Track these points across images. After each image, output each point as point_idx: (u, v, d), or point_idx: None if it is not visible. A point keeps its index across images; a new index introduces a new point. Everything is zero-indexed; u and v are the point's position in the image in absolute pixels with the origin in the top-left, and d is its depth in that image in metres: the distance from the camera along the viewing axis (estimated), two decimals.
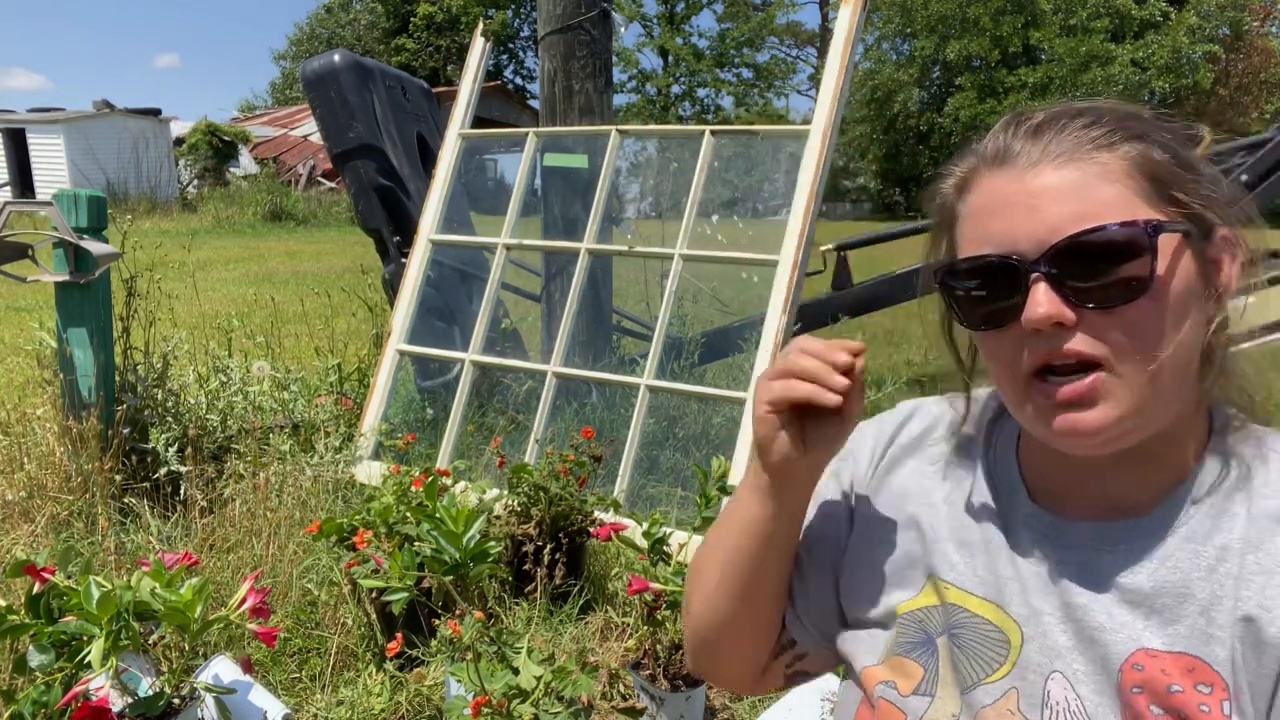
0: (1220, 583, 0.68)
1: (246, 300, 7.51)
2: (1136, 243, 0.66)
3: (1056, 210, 0.67)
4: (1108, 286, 0.67)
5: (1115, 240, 0.66)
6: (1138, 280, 0.67)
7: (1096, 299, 0.67)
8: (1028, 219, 0.68)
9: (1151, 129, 0.71)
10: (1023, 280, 0.68)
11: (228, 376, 3.46)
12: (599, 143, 3.52)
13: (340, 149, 3.96)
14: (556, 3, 3.87)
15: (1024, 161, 0.70)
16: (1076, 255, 0.67)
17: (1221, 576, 0.69)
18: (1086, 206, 0.67)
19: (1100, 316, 0.67)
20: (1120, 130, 0.70)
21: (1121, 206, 0.67)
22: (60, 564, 1.69)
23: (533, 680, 1.52)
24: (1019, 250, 0.69)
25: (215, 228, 16.54)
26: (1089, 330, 0.68)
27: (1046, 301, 0.67)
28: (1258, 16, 29.21)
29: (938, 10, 28.39)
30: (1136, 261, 0.66)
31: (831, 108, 2.93)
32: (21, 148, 18.73)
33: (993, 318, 0.72)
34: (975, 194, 0.73)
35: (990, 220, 0.71)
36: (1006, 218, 0.70)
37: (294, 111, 27.52)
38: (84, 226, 2.82)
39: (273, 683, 2.07)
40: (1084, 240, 0.66)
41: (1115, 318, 0.67)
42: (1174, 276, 0.68)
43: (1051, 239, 0.67)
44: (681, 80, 35.93)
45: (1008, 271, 0.69)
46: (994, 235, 0.70)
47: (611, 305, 4.28)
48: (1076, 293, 0.67)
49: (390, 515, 2.19)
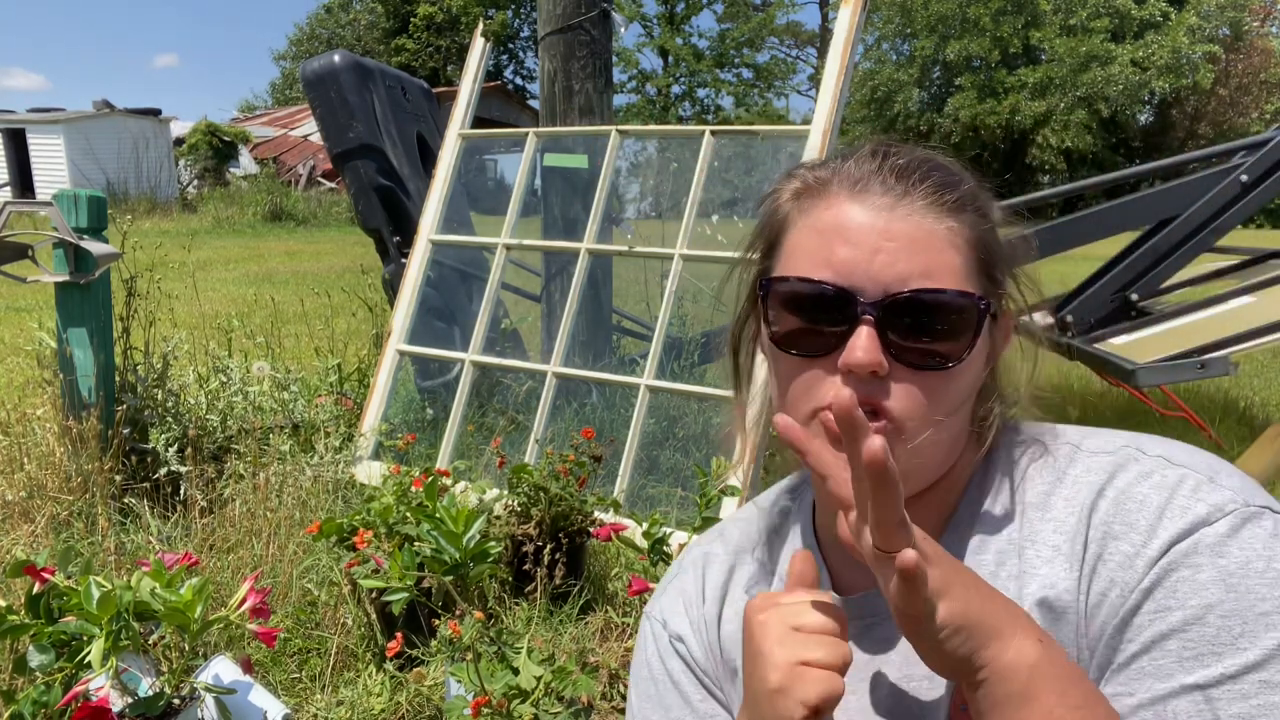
0: (1005, 585, 0.70)
1: (246, 300, 7.51)
2: (968, 315, 0.68)
3: (905, 261, 0.67)
4: (928, 350, 0.67)
5: (951, 307, 0.67)
6: (955, 350, 0.68)
7: (913, 358, 0.67)
8: (873, 258, 0.67)
9: (987, 203, 0.72)
10: (852, 318, 0.67)
11: (228, 376, 3.46)
12: (599, 143, 3.52)
13: (340, 149, 3.96)
14: (556, 3, 3.87)
15: (884, 199, 0.69)
16: (911, 311, 0.67)
17: (1005, 580, 0.70)
18: (932, 267, 0.67)
19: (909, 374, 0.68)
20: (970, 198, 0.71)
21: (960, 275, 0.68)
22: (60, 564, 1.69)
23: (533, 680, 1.52)
24: (858, 286, 0.67)
25: (215, 228, 16.54)
26: (895, 383, 0.68)
27: (869, 348, 0.66)
28: (1258, 16, 29.20)
29: (938, 10, 28.38)
30: (962, 332, 0.68)
31: (831, 108, 2.93)
32: (21, 148, 18.74)
33: (809, 344, 0.70)
34: (825, 210, 0.71)
35: (837, 244, 0.69)
36: (853, 249, 0.68)
37: (294, 111, 27.53)
38: (84, 226, 2.82)
39: (273, 683, 2.07)
40: (924, 299, 0.66)
41: (921, 379, 0.68)
42: (979, 352, 0.70)
43: (894, 287, 0.67)
44: (681, 80, 35.94)
45: (841, 305, 0.68)
46: (837, 261, 0.68)
47: (611, 305, 4.29)
48: (897, 347, 0.67)
49: (390, 515, 2.19)
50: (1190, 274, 4.24)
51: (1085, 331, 3.77)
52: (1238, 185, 3.64)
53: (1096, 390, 4.99)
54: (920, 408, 0.68)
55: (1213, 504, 0.63)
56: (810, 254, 0.70)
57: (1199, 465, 0.67)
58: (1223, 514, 0.62)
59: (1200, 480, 0.65)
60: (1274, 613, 0.59)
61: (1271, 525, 0.62)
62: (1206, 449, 2.53)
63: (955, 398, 0.69)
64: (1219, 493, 0.64)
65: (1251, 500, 0.63)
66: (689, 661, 0.86)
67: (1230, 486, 0.64)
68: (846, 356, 0.67)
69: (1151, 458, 0.68)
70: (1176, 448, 0.70)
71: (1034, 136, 27.38)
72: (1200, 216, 3.69)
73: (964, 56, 28.08)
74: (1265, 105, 28.39)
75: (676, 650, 0.87)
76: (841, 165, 0.73)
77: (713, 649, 0.86)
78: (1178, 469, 0.66)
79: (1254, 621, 0.59)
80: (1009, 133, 27.84)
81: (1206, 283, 4.35)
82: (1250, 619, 0.59)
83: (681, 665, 0.86)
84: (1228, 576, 0.60)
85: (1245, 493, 0.64)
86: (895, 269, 0.67)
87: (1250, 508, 0.63)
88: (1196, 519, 0.63)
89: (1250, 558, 0.60)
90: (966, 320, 0.68)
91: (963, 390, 0.70)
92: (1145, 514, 0.65)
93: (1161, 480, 0.66)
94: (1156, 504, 0.65)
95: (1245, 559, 0.60)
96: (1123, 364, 3.23)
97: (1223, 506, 0.63)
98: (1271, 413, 4.56)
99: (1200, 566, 0.61)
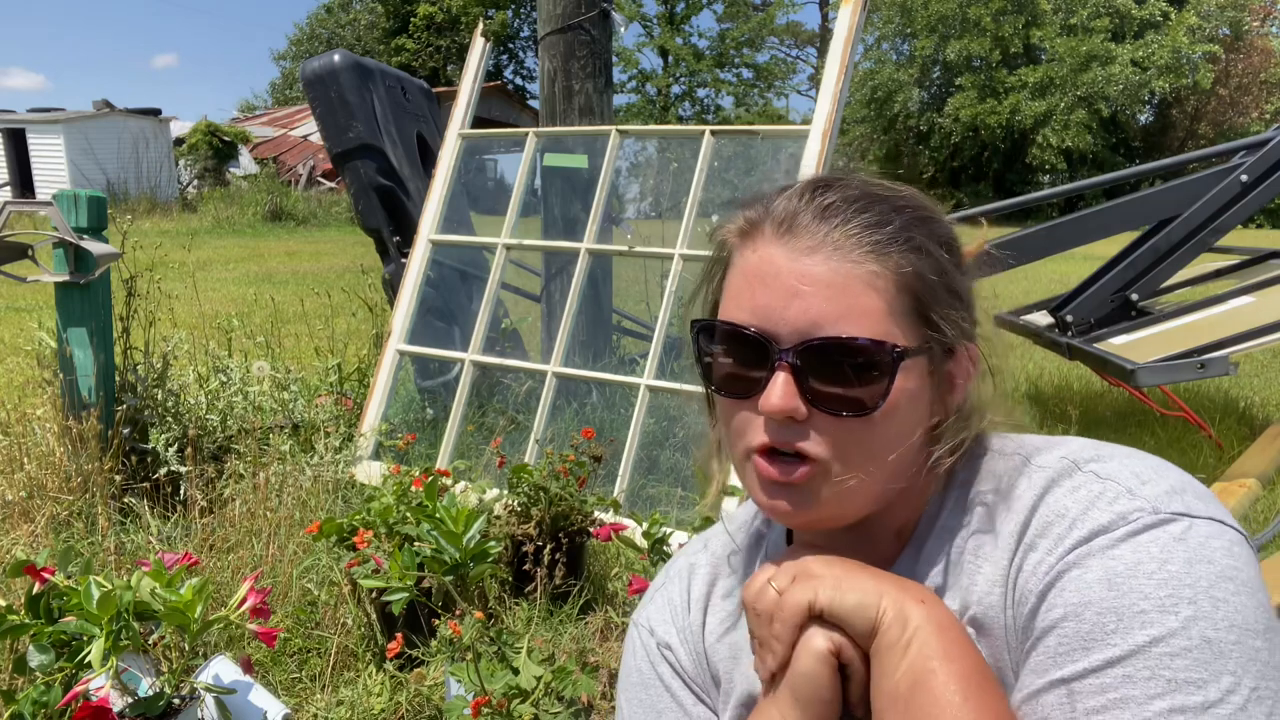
0: (950, 600, 0.71)
1: (246, 300, 7.52)
2: (880, 363, 0.67)
3: (819, 305, 0.67)
4: (843, 396, 0.68)
5: (861, 354, 0.67)
6: (870, 398, 0.68)
7: (829, 404, 0.68)
8: (789, 303, 0.68)
9: (932, 241, 0.71)
10: (771, 363, 0.68)
11: (228, 376, 3.46)
12: (599, 143, 3.52)
13: (340, 149, 3.96)
14: (556, 3, 3.87)
15: (805, 242, 0.69)
16: (824, 356, 0.67)
17: (950, 596, 0.71)
18: (847, 311, 0.67)
19: (828, 420, 0.68)
20: (901, 238, 0.69)
21: (878, 320, 0.68)
22: (60, 564, 1.69)
23: (533, 680, 1.53)
24: (774, 331, 0.68)
25: (215, 228, 16.54)
26: (816, 428, 0.68)
27: (784, 394, 0.67)
28: (1258, 16, 29.19)
29: (938, 10, 28.35)
30: (875, 381, 0.68)
31: (831, 108, 2.93)
32: (21, 148, 18.74)
33: (736, 386, 0.71)
34: (753, 251, 0.71)
35: (758, 288, 0.70)
36: (772, 293, 0.69)
37: (294, 111, 27.52)
38: (84, 226, 2.82)
39: (273, 683, 2.07)
40: (834, 345, 0.67)
41: (842, 425, 0.68)
42: (906, 398, 0.69)
43: (808, 333, 0.67)
44: (681, 80, 35.92)
45: (758, 349, 0.69)
46: (757, 306, 0.69)
47: (611, 305, 4.29)
48: (814, 392, 0.68)
49: (390, 515, 2.19)
50: (1190, 274, 4.24)
51: (1085, 331, 3.77)
52: (1238, 185, 3.64)
53: (1096, 390, 4.99)
54: (842, 452, 0.69)
55: (1118, 512, 0.63)
56: (736, 297, 0.71)
57: (1125, 477, 0.66)
58: (1125, 521, 0.63)
59: (1119, 492, 0.65)
60: (1152, 610, 0.58)
61: (1179, 530, 0.61)
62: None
63: (882, 443, 0.69)
64: (1131, 502, 0.64)
65: (1164, 508, 0.63)
66: (678, 669, 0.87)
67: (1146, 496, 0.64)
68: (763, 402, 0.68)
69: (1084, 472, 0.68)
70: (1116, 460, 0.69)
71: (1034, 136, 27.36)
72: (1200, 216, 3.68)
73: (964, 56, 28.05)
74: (1265, 105, 28.37)
75: (665, 658, 0.88)
76: (772, 204, 0.72)
77: (699, 658, 0.87)
78: (1102, 482, 0.67)
79: (1130, 619, 0.58)
80: (1009, 133, 27.82)
81: (1206, 283, 4.35)
82: (1127, 616, 0.59)
83: (671, 671, 0.88)
84: (1114, 576, 0.60)
85: (1161, 500, 0.64)
86: (809, 315, 0.67)
87: (1159, 515, 0.62)
88: (1098, 526, 0.63)
89: (1142, 559, 0.60)
90: (881, 368, 0.68)
91: (891, 436, 0.70)
92: (1060, 526, 0.65)
93: (1085, 494, 0.66)
94: (1072, 516, 0.65)
95: (1136, 560, 0.60)
96: (1123, 364, 3.23)
97: (1127, 515, 0.63)
98: (1271, 413, 4.56)
99: (1089, 567, 0.61)
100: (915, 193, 0.75)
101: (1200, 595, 0.58)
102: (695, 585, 0.90)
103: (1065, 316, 3.81)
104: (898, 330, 0.68)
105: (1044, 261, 4.14)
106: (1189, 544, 0.61)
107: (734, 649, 0.84)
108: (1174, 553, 0.60)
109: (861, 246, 0.68)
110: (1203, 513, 0.63)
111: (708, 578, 0.90)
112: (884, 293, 0.68)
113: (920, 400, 0.71)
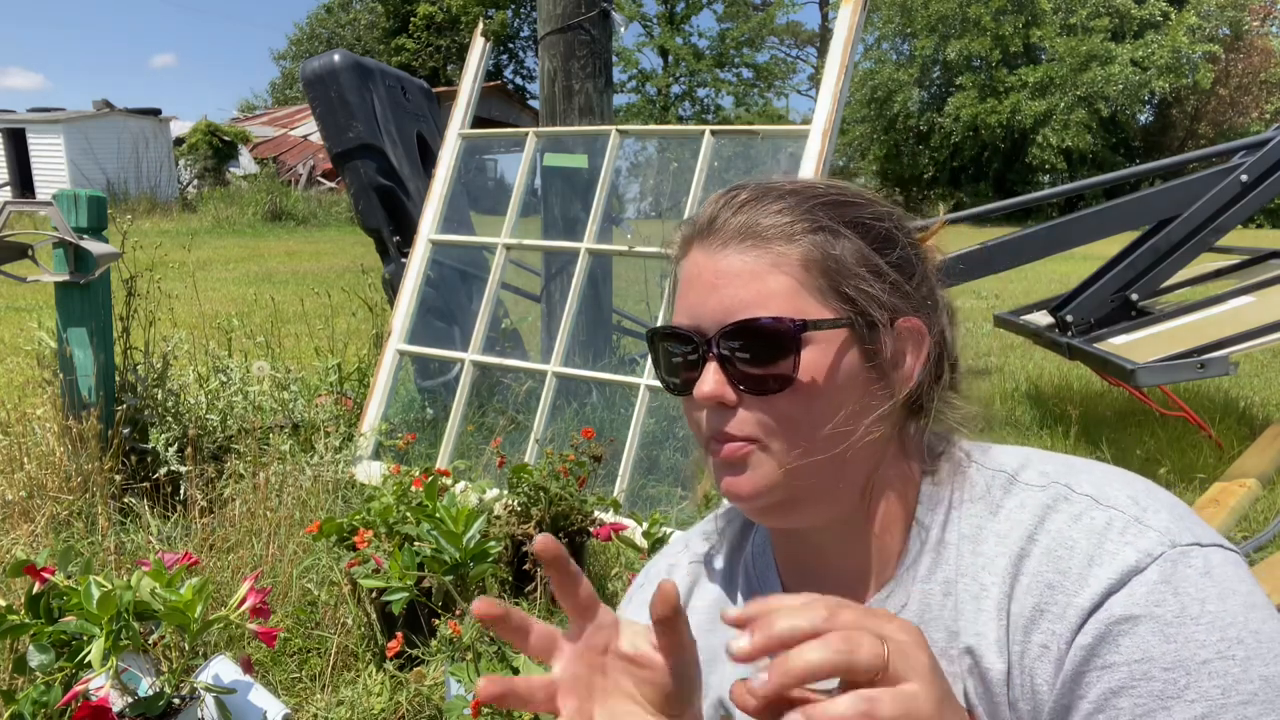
0: (939, 616, 0.71)
1: (246, 300, 7.52)
2: (783, 337, 0.70)
3: (732, 294, 0.71)
4: (762, 376, 0.71)
5: (765, 332, 0.70)
6: (784, 372, 0.70)
7: (750, 385, 0.71)
8: (709, 297, 0.72)
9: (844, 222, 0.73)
10: (703, 356, 0.72)
11: (228, 376, 3.46)
12: (599, 143, 3.52)
13: (340, 149, 3.96)
14: (556, 3, 3.87)
15: (719, 239, 0.73)
16: (740, 340, 0.70)
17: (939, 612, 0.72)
18: (756, 296, 0.70)
19: (756, 400, 0.71)
20: (807, 220, 0.72)
21: (786, 299, 0.70)
22: (60, 564, 1.69)
23: None
24: (700, 326, 0.73)
25: (215, 228, 16.55)
26: (748, 410, 0.72)
27: (713, 381, 0.71)
28: (1258, 16, 29.19)
29: (938, 10, 28.34)
30: (784, 357, 0.70)
31: (831, 108, 2.93)
32: (21, 148, 18.74)
33: (681, 383, 0.75)
34: (686, 259, 0.76)
35: (687, 290, 0.75)
36: (696, 292, 0.73)
37: (294, 111, 27.52)
38: (84, 226, 2.82)
39: (273, 683, 2.07)
40: (743, 328, 0.70)
41: (767, 403, 0.71)
42: (826, 372, 0.71)
43: (725, 320, 0.71)
44: (681, 80, 35.90)
45: (690, 345, 0.73)
46: (688, 307, 0.74)
47: (611, 305, 4.29)
48: (740, 376, 0.71)
49: (390, 515, 2.19)
50: (1190, 274, 4.24)
51: (1085, 331, 3.77)
52: (1238, 185, 3.64)
53: (1096, 390, 4.99)
54: (774, 429, 0.71)
55: (1141, 550, 0.64)
56: (676, 303, 0.77)
57: (1124, 504, 0.67)
58: (1151, 559, 0.63)
59: (1127, 522, 0.66)
60: (1214, 659, 0.60)
61: (1200, 563, 0.63)
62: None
63: (813, 417, 0.71)
64: (1146, 536, 0.64)
65: (1178, 540, 0.64)
66: None
67: (1156, 526, 0.65)
68: (696, 390, 0.72)
69: (1081, 496, 0.69)
70: (1105, 481, 0.70)
71: (1034, 136, 27.36)
72: (1200, 216, 3.68)
73: (964, 56, 28.05)
74: (1265, 105, 28.37)
75: None
76: (699, 212, 0.77)
77: None
78: (1105, 510, 0.67)
79: (1196, 671, 0.60)
80: (1009, 132, 27.81)
81: (1206, 283, 4.35)
82: (1193, 668, 0.60)
83: None
84: (1165, 626, 0.61)
85: (1171, 532, 0.64)
86: (725, 304, 0.71)
87: (1178, 548, 0.63)
88: (1127, 568, 0.63)
89: (1185, 604, 0.61)
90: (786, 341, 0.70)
91: (821, 409, 0.71)
92: (1075, 561, 0.66)
93: (1090, 524, 0.67)
94: (1085, 550, 0.65)
95: (1181, 606, 0.61)
96: (1123, 364, 3.23)
97: (1151, 551, 0.63)
98: (1271, 413, 4.56)
99: (1138, 619, 0.62)
100: (843, 185, 0.77)
101: (1245, 633, 0.61)
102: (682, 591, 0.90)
103: (1065, 316, 3.81)
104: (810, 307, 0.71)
105: (1044, 261, 4.15)
106: (1214, 578, 0.62)
107: (711, 652, 0.84)
108: (1206, 591, 0.62)
109: (768, 233, 0.72)
110: (1207, 539, 0.65)
111: (688, 580, 0.91)
112: (789, 272, 0.71)
113: (850, 374, 0.72)
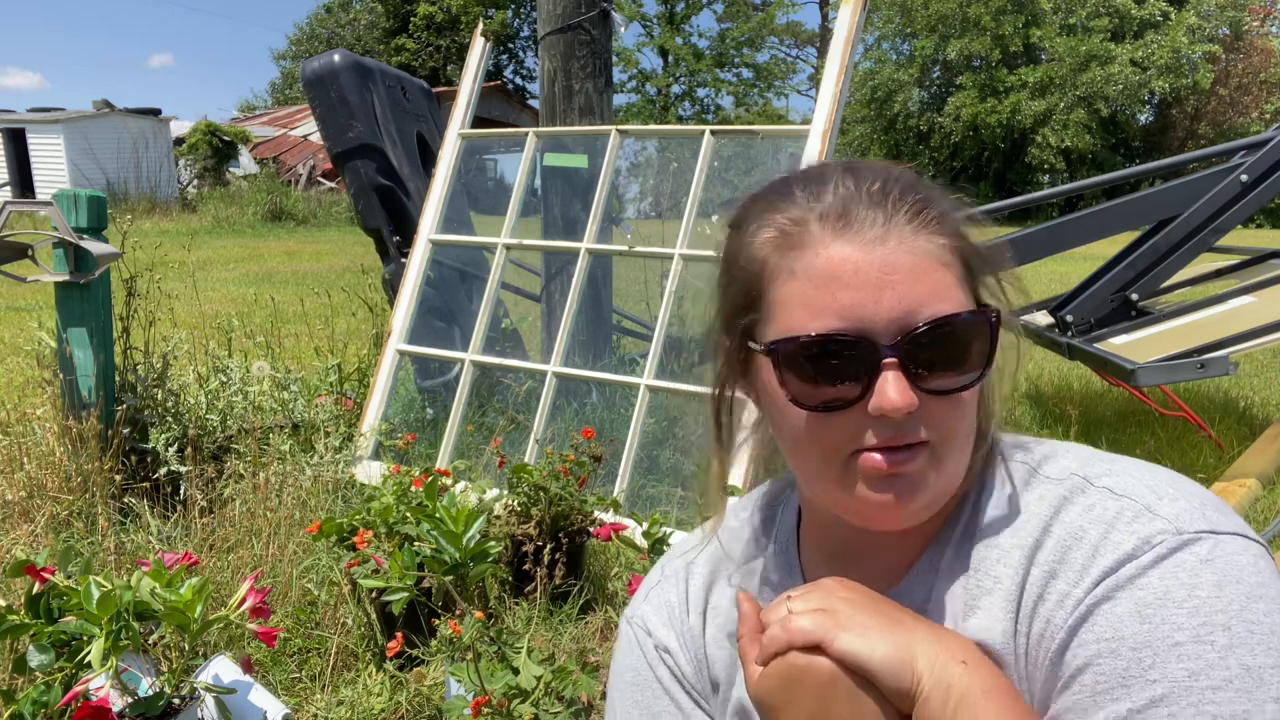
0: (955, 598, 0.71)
1: (246, 300, 7.51)
2: (981, 330, 0.67)
3: (910, 291, 0.65)
4: (952, 375, 0.67)
5: (967, 328, 0.66)
6: (976, 369, 0.67)
7: (939, 386, 0.67)
8: (880, 296, 0.65)
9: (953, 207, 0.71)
10: (874, 363, 0.65)
11: (227, 376, 3.46)
12: (599, 143, 3.52)
13: (340, 149, 3.96)
14: (556, 3, 3.86)
15: (871, 231, 0.66)
16: (930, 342, 0.65)
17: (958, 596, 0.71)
18: (933, 290, 0.65)
19: (936, 401, 0.67)
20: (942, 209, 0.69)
21: (959, 291, 0.67)
22: (60, 564, 1.69)
23: (533, 680, 1.53)
24: (870, 330, 0.65)
25: (215, 228, 16.54)
26: (927, 414, 0.67)
27: (900, 389, 0.64)
28: (1258, 16, 29.18)
29: (938, 10, 28.34)
30: (979, 351, 0.67)
31: (831, 108, 2.93)
32: (21, 147, 18.74)
33: (831, 398, 0.67)
34: (813, 257, 0.67)
35: (838, 290, 0.65)
36: (856, 291, 0.65)
37: (294, 111, 27.52)
38: (84, 226, 2.82)
39: (273, 683, 2.07)
40: (941, 328, 0.65)
41: (950, 403, 0.67)
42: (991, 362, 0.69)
43: (907, 321, 0.65)
44: (681, 80, 35.89)
45: (860, 352, 0.65)
46: (843, 307, 0.65)
47: (611, 305, 4.28)
48: (923, 380, 0.66)
49: (390, 515, 2.19)
50: (1190, 274, 4.24)
51: (1085, 331, 3.76)
52: (1238, 185, 3.64)
53: (1096, 390, 4.99)
54: (952, 429, 0.68)
55: (1142, 536, 0.62)
56: (809, 305, 0.67)
57: (1140, 493, 0.65)
58: (1150, 546, 0.61)
59: (1138, 511, 0.64)
60: (1187, 642, 0.57)
61: (1205, 550, 0.60)
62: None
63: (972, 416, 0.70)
64: (1152, 524, 0.62)
65: (1186, 527, 0.61)
66: (677, 674, 0.86)
67: (1166, 515, 0.63)
68: (878, 401, 0.65)
69: (1097, 489, 0.67)
70: (1127, 472, 0.68)
71: (1034, 136, 27.36)
72: (1200, 216, 3.68)
73: (964, 56, 28.04)
74: (1265, 105, 28.36)
75: (664, 661, 0.87)
76: (815, 202, 0.69)
77: (700, 663, 0.86)
78: (1118, 500, 0.65)
79: (1165, 652, 0.57)
80: (1009, 132, 27.81)
81: (1206, 283, 4.35)
82: (1162, 650, 0.57)
83: (670, 675, 0.86)
84: (1144, 607, 0.59)
85: (1182, 519, 0.62)
86: (904, 303, 0.65)
87: (1182, 535, 0.61)
88: (1124, 554, 0.62)
89: (1171, 587, 0.59)
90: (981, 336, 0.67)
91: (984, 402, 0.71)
92: (1082, 551, 0.64)
93: (1101, 514, 0.65)
94: (1093, 539, 0.64)
95: (1165, 589, 0.59)
96: (1123, 364, 3.23)
97: (1151, 539, 0.61)
98: (1271, 413, 4.56)
99: (1119, 599, 0.60)
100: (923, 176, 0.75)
101: (1234, 620, 0.57)
102: (693, 587, 0.88)
103: (1065, 316, 3.81)
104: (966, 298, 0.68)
105: (1044, 261, 4.15)
106: (1216, 565, 0.60)
107: (732, 659, 0.83)
108: (1202, 576, 0.59)
109: (924, 224, 0.67)
110: (1225, 527, 0.62)
111: (705, 579, 0.88)
112: (949, 265, 0.67)
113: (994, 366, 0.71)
